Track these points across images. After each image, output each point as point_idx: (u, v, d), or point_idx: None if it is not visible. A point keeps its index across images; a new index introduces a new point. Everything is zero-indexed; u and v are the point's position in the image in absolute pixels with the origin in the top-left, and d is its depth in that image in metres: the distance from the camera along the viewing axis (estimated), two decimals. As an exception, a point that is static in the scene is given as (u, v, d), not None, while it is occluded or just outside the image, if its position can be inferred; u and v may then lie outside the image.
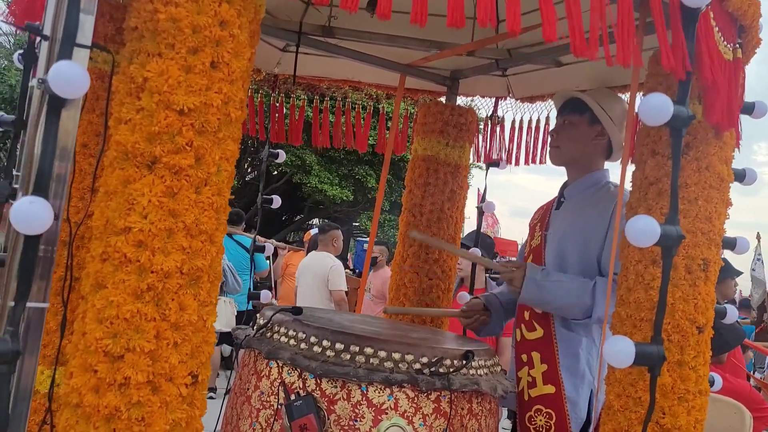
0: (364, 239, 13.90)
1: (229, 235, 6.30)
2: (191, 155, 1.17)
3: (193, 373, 1.20)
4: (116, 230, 1.14)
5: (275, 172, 16.73)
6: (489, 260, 2.52)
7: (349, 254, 14.01)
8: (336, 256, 5.99)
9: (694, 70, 1.23)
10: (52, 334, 1.61)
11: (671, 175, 1.44)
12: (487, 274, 4.64)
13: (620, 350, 1.20)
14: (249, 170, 16.39)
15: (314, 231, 7.60)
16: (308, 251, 6.34)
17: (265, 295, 2.51)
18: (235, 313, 5.81)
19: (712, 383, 1.83)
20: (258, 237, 6.31)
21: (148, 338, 1.14)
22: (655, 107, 1.09)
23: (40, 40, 1.20)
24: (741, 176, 1.81)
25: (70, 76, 0.99)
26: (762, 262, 10.64)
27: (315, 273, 5.68)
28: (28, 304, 1.11)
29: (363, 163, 14.97)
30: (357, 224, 20.55)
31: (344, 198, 14.61)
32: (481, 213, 3.29)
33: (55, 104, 1.02)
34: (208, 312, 1.22)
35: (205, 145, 1.18)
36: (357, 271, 10.49)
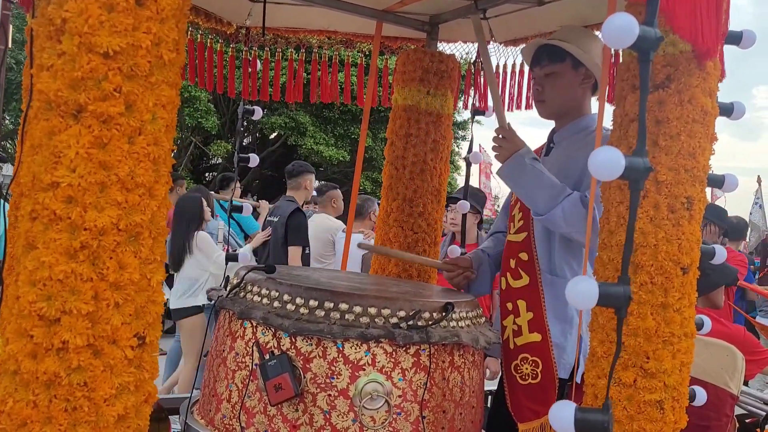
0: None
1: (216, 201, 6.20)
2: (120, 102, 1.07)
3: (140, 335, 1.14)
4: (43, 186, 1.06)
5: (271, 136, 16.57)
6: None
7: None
8: (337, 217, 5.81)
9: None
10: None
11: (648, 107, 1.35)
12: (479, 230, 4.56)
13: (582, 290, 1.13)
14: (246, 134, 16.24)
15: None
16: None
17: (243, 257, 2.44)
18: None
19: (700, 326, 1.77)
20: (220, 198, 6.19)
21: (86, 299, 1.06)
22: (619, 28, 0.99)
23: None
24: (728, 110, 1.71)
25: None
26: (761, 207, 10.48)
27: (316, 236, 5.41)
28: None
29: (359, 122, 14.77)
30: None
31: (341, 159, 14.46)
32: (468, 164, 3.20)
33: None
34: (152, 270, 1.14)
35: (135, 91, 1.09)
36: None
